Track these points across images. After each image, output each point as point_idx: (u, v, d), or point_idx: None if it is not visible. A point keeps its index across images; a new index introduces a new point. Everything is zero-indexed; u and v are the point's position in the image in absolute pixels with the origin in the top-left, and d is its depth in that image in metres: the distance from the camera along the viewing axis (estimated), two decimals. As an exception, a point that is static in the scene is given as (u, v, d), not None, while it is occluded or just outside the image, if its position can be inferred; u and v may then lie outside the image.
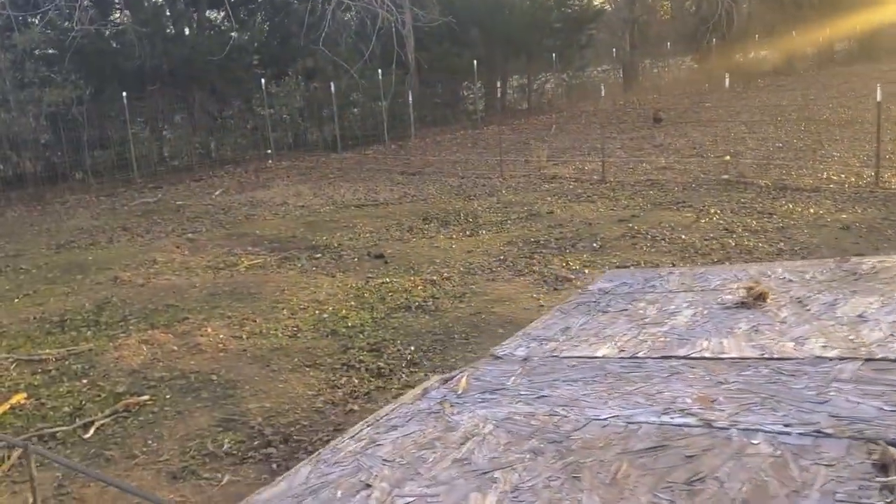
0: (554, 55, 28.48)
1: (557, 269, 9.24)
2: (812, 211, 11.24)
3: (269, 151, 21.02)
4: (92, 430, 5.88)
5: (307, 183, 17.69)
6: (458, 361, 6.79)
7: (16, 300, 9.82)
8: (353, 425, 5.99)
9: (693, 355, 2.60)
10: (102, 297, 9.50)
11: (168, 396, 6.48)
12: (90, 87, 17.87)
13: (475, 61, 24.42)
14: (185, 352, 7.47)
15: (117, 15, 20.96)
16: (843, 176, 13.37)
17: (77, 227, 14.64)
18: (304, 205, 15.04)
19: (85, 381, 6.93)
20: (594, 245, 10.20)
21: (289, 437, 5.61)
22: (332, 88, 20.43)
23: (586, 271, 9.09)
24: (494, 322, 7.67)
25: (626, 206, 12.39)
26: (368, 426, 2.12)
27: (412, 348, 7.23)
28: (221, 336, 7.83)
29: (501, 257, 10.10)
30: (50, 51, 18.66)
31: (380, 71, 22.06)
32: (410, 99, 21.97)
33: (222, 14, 22.82)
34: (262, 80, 20.21)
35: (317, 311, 8.52)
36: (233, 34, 21.19)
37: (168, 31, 20.26)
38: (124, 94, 17.75)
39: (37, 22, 18.11)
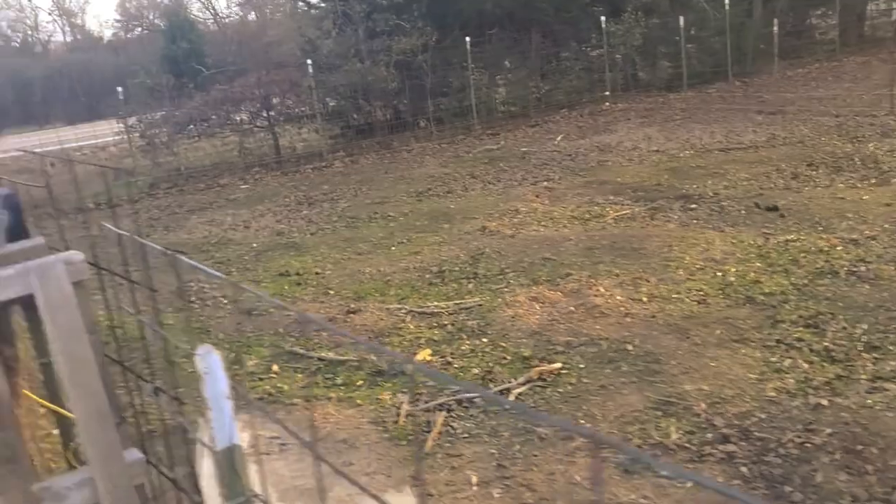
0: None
1: None
2: None
3: (606, 93, 19.99)
4: (512, 399, 5.37)
5: (653, 126, 16.43)
6: (944, 349, 5.35)
7: (392, 248, 9.89)
8: (828, 426, 4.90)
9: None
10: (475, 248, 9.20)
11: (582, 366, 5.80)
12: (434, 34, 18.01)
13: (836, -17, 21.23)
14: (585, 313, 6.78)
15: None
16: None
17: (427, 174, 14.80)
18: (659, 149, 13.85)
19: (485, 339, 6.52)
20: None
21: (748, 433, 4.62)
22: (682, 22, 18.75)
23: None
24: (975, 299, 6.03)
25: None
26: None
27: (864, 327, 5.85)
28: (618, 298, 7.04)
29: (940, 213, 8.22)
30: (398, -1, 19.11)
31: (726, 1, 19.89)
32: (776, 29, 19.59)
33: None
34: (602, 18, 19.09)
35: (718, 273, 7.41)
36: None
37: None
38: (467, 39, 17.67)
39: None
